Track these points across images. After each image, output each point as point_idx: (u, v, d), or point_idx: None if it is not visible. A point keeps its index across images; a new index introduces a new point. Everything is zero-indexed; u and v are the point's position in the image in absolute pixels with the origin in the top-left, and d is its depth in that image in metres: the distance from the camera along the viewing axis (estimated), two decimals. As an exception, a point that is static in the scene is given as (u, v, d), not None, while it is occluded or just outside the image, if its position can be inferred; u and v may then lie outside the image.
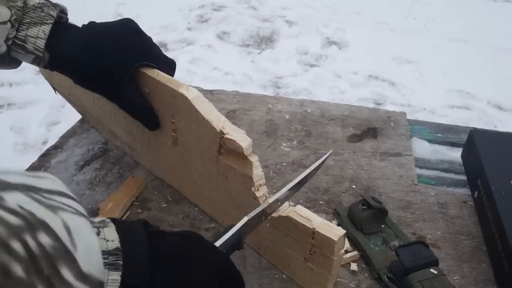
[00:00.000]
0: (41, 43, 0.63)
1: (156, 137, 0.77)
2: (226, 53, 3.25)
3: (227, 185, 0.68)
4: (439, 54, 3.18)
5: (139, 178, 0.84)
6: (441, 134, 1.00)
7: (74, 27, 0.66)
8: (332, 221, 0.76)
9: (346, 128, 1.00)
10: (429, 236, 0.74)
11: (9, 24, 0.60)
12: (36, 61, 0.64)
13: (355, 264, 0.69)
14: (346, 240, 0.73)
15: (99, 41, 0.65)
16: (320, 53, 3.21)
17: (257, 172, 0.62)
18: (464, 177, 0.87)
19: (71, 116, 1.10)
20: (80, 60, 0.64)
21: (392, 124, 1.00)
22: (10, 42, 0.61)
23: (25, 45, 0.62)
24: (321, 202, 0.81)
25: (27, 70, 3.18)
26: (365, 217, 0.72)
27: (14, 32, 0.61)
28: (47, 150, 0.95)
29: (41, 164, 0.91)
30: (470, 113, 2.64)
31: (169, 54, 0.73)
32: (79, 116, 1.03)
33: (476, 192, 0.79)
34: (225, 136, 0.62)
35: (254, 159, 0.61)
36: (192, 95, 0.63)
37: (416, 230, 0.75)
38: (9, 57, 0.63)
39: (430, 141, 0.98)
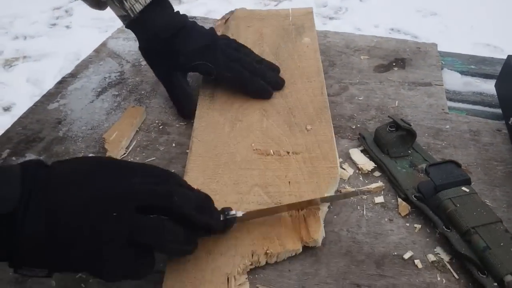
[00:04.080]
0: (139, 8, 0.72)
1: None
2: (242, 5, 3.17)
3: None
4: (465, 6, 3.05)
5: (140, 108, 0.81)
6: (474, 65, 0.95)
7: (168, 4, 0.77)
8: (358, 147, 0.73)
9: (373, 58, 0.95)
10: (460, 162, 0.71)
11: None
12: (123, 17, 0.74)
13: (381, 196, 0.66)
14: (372, 163, 0.70)
15: (189, 32, 0.77)
16: (340, 5, 3.11)
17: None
18: (497, 110, 0.83)
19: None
20: (164, 38, 0.75)
21: (422, 54, 0.95)
22: None
23: (124, 2, 0.71)
24: (345, 129, 0.78)
25: (40, 24, 3.17)
26: (393, 139, 0.69)
27: None
28: (63, 77, 0.92)
29: (58, 90, 0.89)
30: (497, 67, 2.55)
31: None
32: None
33: (510, 119, 0.75)
34: None
35: None
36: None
37: (446, 156, 0.72)
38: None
39: (462, 72, 0.93)
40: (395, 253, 0.58)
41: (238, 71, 0.77)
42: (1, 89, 2.59)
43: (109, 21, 2.93)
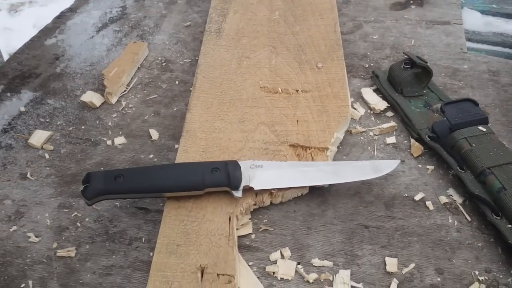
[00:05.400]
0: None
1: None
2: None
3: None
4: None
5: (142, 43, 0.77)
6: (496, 5, 0.89)
7: None
8: (371, 87, 0.70)
9: (388, -5, 0.90)
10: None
11: None
12: None
13: (393, 137, 0.62)
14: (384, 102, 0.66)
15: None
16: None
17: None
18: (519, 50, 0.78)
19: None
20: None
21: (440, -8, 0.90)
22: None
23: None
24: (358, 67, 0.74)
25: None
26: (407, 77, 0.65)
27: None
28: (62, 12, 0.88)
29: (56, 25, 0.85)
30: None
31: None
32: None
33: (534, 59, 0.70)
34: None
35: None
36: None
37: (463, 96, 0.68)
38: None
39: (483, 12, 0.87)
40: (406, 195, 0.55)
41: None
42: (7, 35, 2.54)
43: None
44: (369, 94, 0.68)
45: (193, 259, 0.46)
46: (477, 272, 0.47)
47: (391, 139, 0.61)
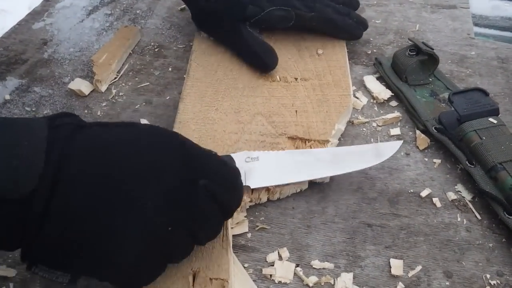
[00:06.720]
0: None
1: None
2: None
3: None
4: None
5: (134, 28, 0.73)
6: (504, -13, 0.85)
7: None
8: (374, 74, 0.66)
9: (392, -23, 0.85)
10: (485, 92, 0.64)
11: None
12: None
13: (398, 128, 0.59)
14: (388, 91, 0.63)
15: None
16: None
17: None
18: (528, 36, 0.75)
19: None
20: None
21: (446, -26, 0.85)
22: None
23: None
24: (360, 54, 0.70)
25: None
26: (412, 64, 0.62)
27: None
28: (51, -6, 0.84)
29: (44, 8, 0.81)
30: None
31: None
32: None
33: (545, 45, 0.67)
34: None
35: None
36: None
37: (471, 84, 0.65)
38: None
39: (490, -6, 0.83)
40: (411, 191, 0.52)
41: (323, 11, 0.64)
42: (2, 17, 2.49)
43: None
44: (372, 82, 0.65)
45: (184, 262, 0.43)
46: (488, 276, 0.44)
47: (395, 131, 0.58)
